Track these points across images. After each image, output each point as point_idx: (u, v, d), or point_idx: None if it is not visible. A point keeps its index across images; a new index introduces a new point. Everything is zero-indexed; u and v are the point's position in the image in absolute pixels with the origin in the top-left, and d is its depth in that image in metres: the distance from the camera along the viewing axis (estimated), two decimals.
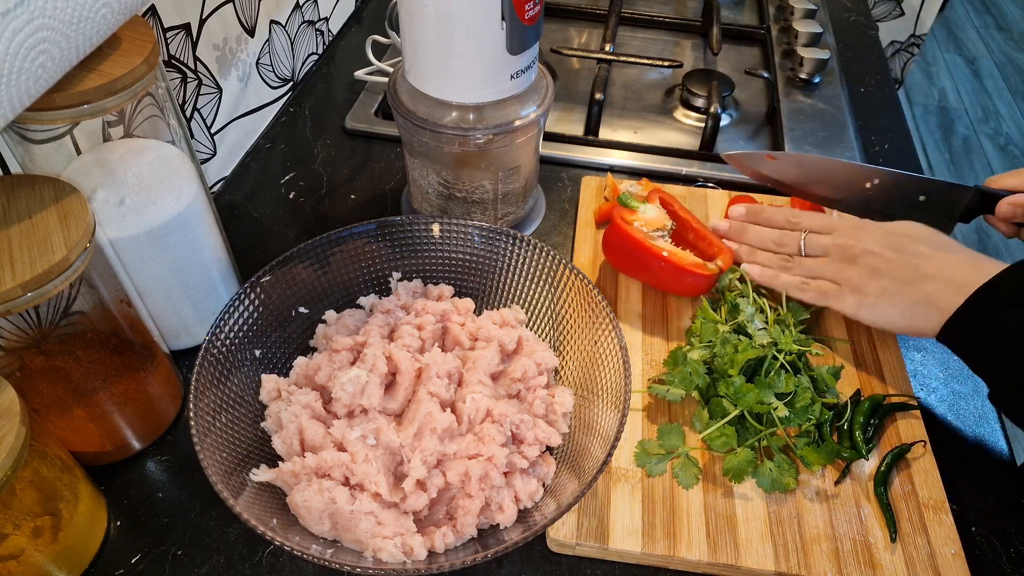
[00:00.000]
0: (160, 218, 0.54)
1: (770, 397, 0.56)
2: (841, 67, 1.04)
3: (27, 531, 0.45)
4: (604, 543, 0.52)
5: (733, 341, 0.59)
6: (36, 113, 0.42)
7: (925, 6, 1.84)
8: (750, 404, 0.56)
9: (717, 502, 0.55)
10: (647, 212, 0.69)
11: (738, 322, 0.61)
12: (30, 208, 0.43)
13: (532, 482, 0.52)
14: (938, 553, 0.52)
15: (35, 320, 0.48)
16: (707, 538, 0.52)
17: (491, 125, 0.63)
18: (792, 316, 0.63)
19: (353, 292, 0.63)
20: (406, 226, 0.62)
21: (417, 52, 0.61)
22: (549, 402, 0.56)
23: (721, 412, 0.57)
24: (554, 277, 0.60)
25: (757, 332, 0.60)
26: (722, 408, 0.57)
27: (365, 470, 0.49)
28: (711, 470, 0.56)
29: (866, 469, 0.57)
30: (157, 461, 0.58)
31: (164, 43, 0.68)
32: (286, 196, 0.81)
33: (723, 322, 0.63)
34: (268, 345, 0.57)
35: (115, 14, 0.42)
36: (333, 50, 1.04)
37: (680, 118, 0.96)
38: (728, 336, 0.60)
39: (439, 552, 0.48)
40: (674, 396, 0.59)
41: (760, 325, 0.61)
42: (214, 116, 0.79)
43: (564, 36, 1.11)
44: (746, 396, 0.56)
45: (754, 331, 0.60)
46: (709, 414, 0.58)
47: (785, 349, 0.59)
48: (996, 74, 2.91)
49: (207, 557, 0.52)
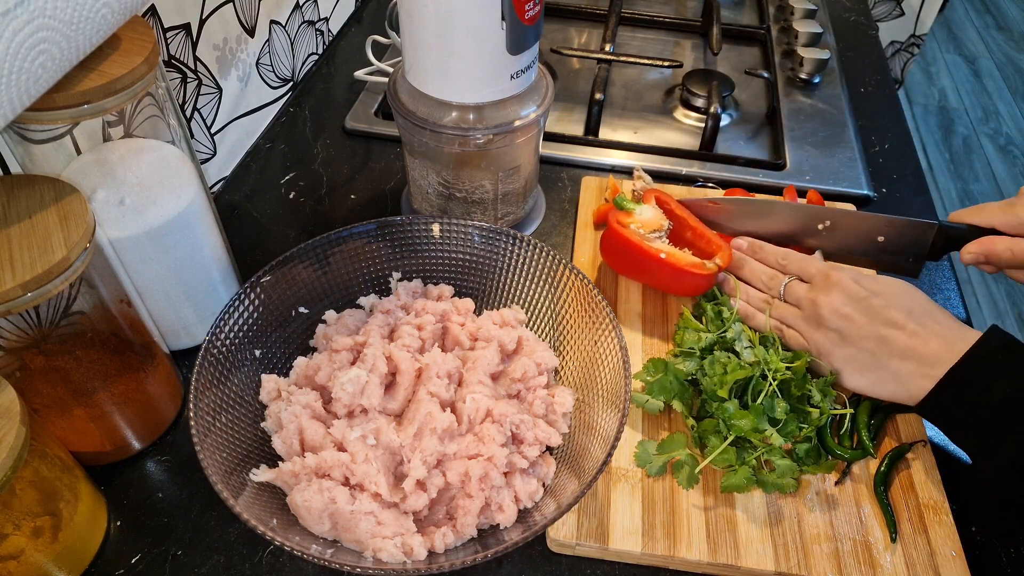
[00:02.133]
0: (160, 218, 0.54)
1: (764, 424, 0.55)
2: (841, 67, 1.04)
3: (27, 531, 0.45)
4: (604, 543, 0.52)
5: (722, 360, 0.58)
6: (36, 113, 0.42)
7: (925, 6, 1.84)
8: (744, 431, 0.55)
9: (717, 502, 0.55)
10: (643, 213, 0.69)
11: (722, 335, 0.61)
12: (30, 208, 0.43)
13: (532, 482, 0.52)
14: (938, 553, 0.52)
15: (35, 320, 0.48)
16: (707, 538, 0.52)
17: (491, 125, 0.63)
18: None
19: (353, 292, 0.63)
20: (406, 226, 0.62)
21: (417, 52, 0.61)
22: (549, 402, 0.56)
23: (713, 429, 0.56)
24: (554, 277, 0.60)
25: (744, 350, 0.60)
26: (714, 427, 0.56)
27: (365, 470, 0.49)
28: (711, 470, 0.56)
29: (866, 470, 0.57)
30: (157, 461, 0.58)
31: (164, 43, 0.68)
32: (286, 196, 0.81)
33: (706, 330, 0.62)
34: (268, 345, 0.57)
35: (115, 14, 0.42)
36: (333, 50, 1.04)
37: (680, 118, 0.96)
38: (717, 354, 0.59)
39: (439, 552, 0.48)
40: (653, 408, 0.59)
41: (746, 343, 0.60)
42: (214, 116, 0.79)
43: (564, 36, 1.11)
44: (739, 423, 0.55)
45: (741, 349, 0.60)
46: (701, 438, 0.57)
47: (774, 369, 0.57)
48: (996, 74, 2.91)
49: (207, 557, 0.52)
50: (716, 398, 0.57)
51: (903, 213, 0.81)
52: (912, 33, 1.90)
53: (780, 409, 0.56)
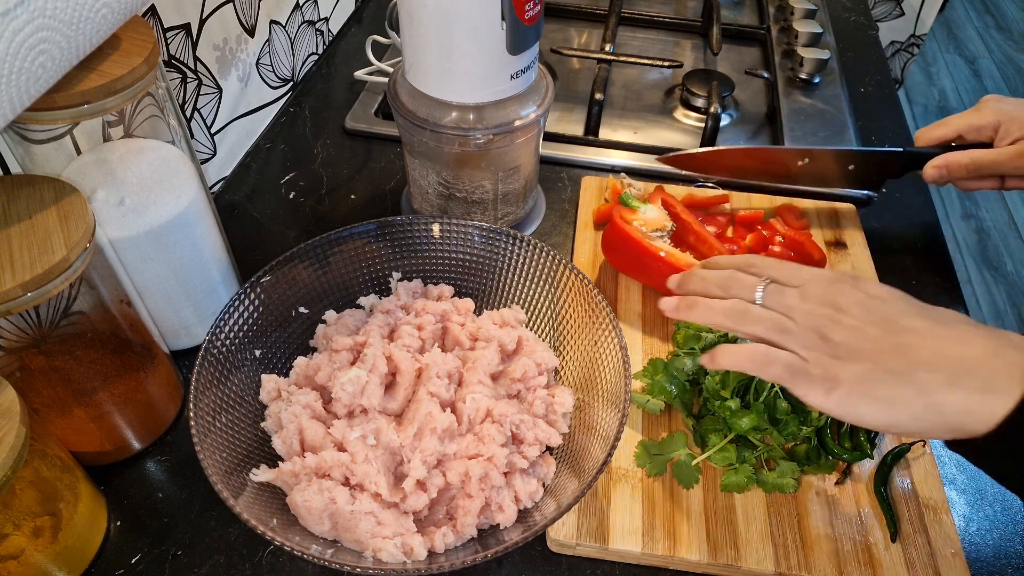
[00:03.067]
0: (160, 218, 0.54)
1: (765, 423, 0.55)
2: (841, 67, 1.04)
3: (27, 531, 0.45)
4: (604, 543, 0.52)
5: None
6: (36, 113, 0.42)
7: (925, 6, 1.84)
8: (744, 430, 0.55)
9: (717, 502, 0.54)
10: (647, 212, 0.69)
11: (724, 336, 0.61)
12: (30, 208, 0.43)
13: (532, 482, 0.52)
14: (938, 553, 0.52)
15: (35, 320, 0.48)
16: (707, 538, 0.52)
17: (491, 125, 0.63)
18: None
19: (353, 292, 0.63)
20: (406, 226, 0.62)
21: (417, 52, 0.61)
22: (549, 402, 0.56)
23: (714, 427, 0.57)
24: (554, 277, 0.60)
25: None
26: (715, 425, 0.57)
27: (365, 470, 0.49)
28: (711, 470, 0.56)
29: (867, 469, 0.57)
30: (157, 461, 0.58)
31: (164, 43, 0.68)
32: (286, 196, 0.81)
33: (707, 330, 0.62)
34: (268, 345, 0.57)
35: (115, 14, 0.42)
36: (333, 50, 1.04)
37: (680, 118, 0.96)
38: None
39: (439, 552, 0.48)
40: (653, 408, 0.59)
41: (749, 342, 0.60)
42: (214, 116, 0.79)
43: (564, 36, 1.11)
44: (740, 421, 0.55)
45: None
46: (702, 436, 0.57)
47: None
48: (996, 74, 2.91)
49: (207, 557, 0.52)
50: (718, 397, 0.57)
51: (903, 214, 0.82)
52: (912, 33, 1.90)
53: (781, 409, 0.56)
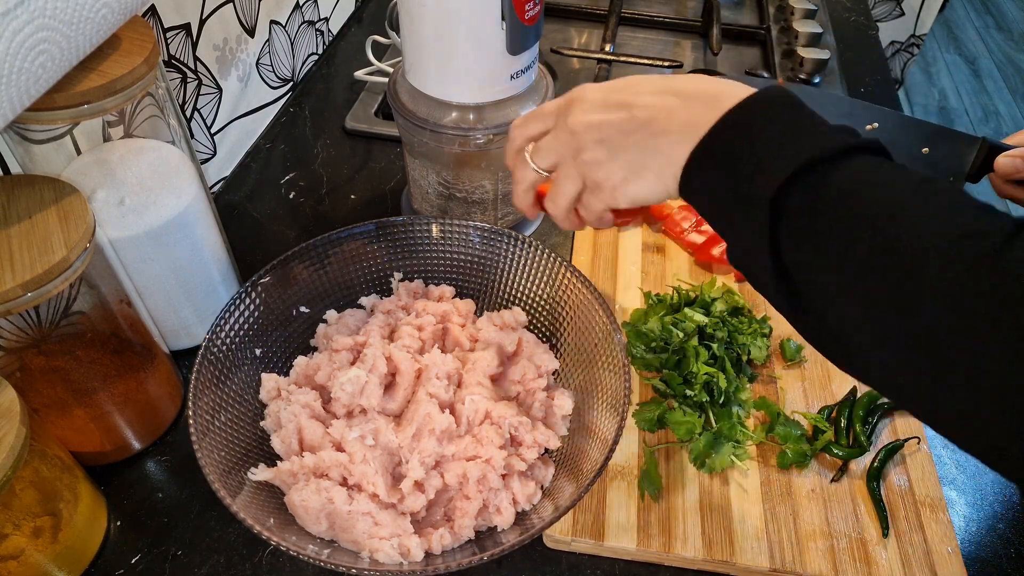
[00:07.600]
0: (160, 218, 0.54)
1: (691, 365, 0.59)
2: (841, 67, 1.04)
3: (27, 531, 0.46)
4: (599, 540, 0.52)
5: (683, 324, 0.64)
6: (36, 113, 0.42)
7: (925, 6, 1.84)
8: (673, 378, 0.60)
9: (712, 499, 0.55)
10: None
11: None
12: (30, 208, 0.43)
13: (530, 484, 0.52)
14: (935, 551, 0.52)
15: (35, 320, 0.48)
16: (702, 535, 0.53)
17: (491, 125, 0.64)
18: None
19: (354, 292, 0.63)
20: (405, 226, 0.62)
21: (417, 52, 0.61)
22: (548, 405, 0.56)
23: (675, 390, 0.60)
24: (554, 278, 0.60)
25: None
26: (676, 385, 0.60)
27: (363, 470, 0.49)
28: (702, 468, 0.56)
29: (862, 466, 0.57)
30: (157, 461, 0.58)
31: (164, 43, 0.68)
32: (286, 196, 0.81)
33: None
34: (268, 344, 0.57)
35: (115, 14, 0.42)
36: (333, 50, 1.04)
37: None
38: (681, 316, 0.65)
39: (436, 553, 0.48)
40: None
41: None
42: (214, 116, 0.79)
43: (564, 36, 1.11)
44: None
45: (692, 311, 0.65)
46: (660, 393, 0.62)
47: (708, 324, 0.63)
48: (996, 74, 2.91)
49: (207, 557, 0.52)
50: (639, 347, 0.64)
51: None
52: (912, 33, 1.90)
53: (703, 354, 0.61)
